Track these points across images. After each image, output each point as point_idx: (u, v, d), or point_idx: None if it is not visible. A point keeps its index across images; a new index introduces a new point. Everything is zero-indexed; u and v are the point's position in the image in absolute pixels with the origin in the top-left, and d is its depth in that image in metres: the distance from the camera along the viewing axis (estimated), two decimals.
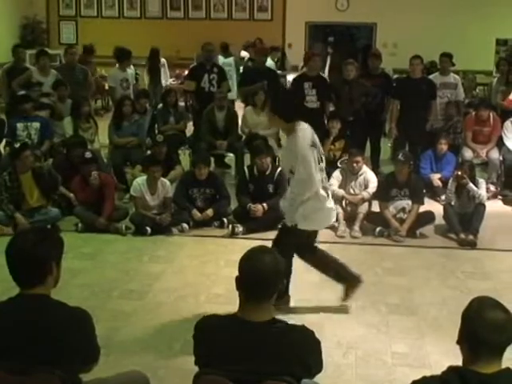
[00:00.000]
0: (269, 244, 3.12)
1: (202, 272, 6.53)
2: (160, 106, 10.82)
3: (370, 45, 17.17)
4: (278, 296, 2.98)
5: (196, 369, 2.95)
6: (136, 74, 12.20)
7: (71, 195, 8.07)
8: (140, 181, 7.87)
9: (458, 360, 2.65)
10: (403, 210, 7.70)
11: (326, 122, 9.68)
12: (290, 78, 12.96)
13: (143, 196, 7.79)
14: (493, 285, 6.20)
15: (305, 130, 5.25)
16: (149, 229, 7.56)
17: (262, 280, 2.86)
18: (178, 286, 6.14)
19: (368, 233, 7.74)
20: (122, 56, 10.89)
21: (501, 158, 9.50)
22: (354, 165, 7.99)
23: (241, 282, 2.91)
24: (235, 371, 2.77)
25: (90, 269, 6.61)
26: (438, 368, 2.65)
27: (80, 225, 7.72)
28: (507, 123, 9.59)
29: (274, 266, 2.90)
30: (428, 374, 2.68)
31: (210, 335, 2.92)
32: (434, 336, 5.17)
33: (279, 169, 8.08)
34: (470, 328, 2.58)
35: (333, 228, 7.74)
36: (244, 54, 15.08)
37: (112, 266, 6.71)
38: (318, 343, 2.97)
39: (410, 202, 7.69)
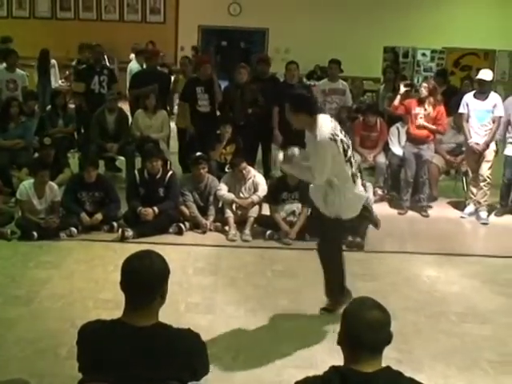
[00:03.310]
0: (158, 248, 3.05)
1: (91, 277, 6.40)
2: (49, 108, 10.57)
3: (249, 48, 17.40)
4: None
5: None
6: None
7: None
8: (27, 184, 7.66)
9: (342, 360, 2.69)
10: (293, 213, 7.81)
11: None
12: None
13: (30, 200, 7.58)
14: (379, 286, 6.36)
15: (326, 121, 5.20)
16: (35, 233, 7.35)
17: (140, 284, 2.83)
18: (65, 292, 5.99)
19: (258, 236, 7.80)
20: (8, 56, 10.59)
21: (387, 163, 9.78)
22: (242, 172, 8.07)
23: (122, 286, 2.88)
24: (119, 377, 2.73)
25: None
26: (324, 368, 2.69)
27: None
28: (393, 129, 9.90)
29: (153, 270, 2.87)
30: (314, 374, 2.72)
31: (94, 341, 2.87)
32: (320, 336, 5.25)
33: (170, 172, 8.06)
34: (349, 328, 2.63)
35: (223, 232, 7.81)
36: (132, 56, 14.91)
37: None
38: (203, 346, 2.96)
39: (299, 205, 7.80)
